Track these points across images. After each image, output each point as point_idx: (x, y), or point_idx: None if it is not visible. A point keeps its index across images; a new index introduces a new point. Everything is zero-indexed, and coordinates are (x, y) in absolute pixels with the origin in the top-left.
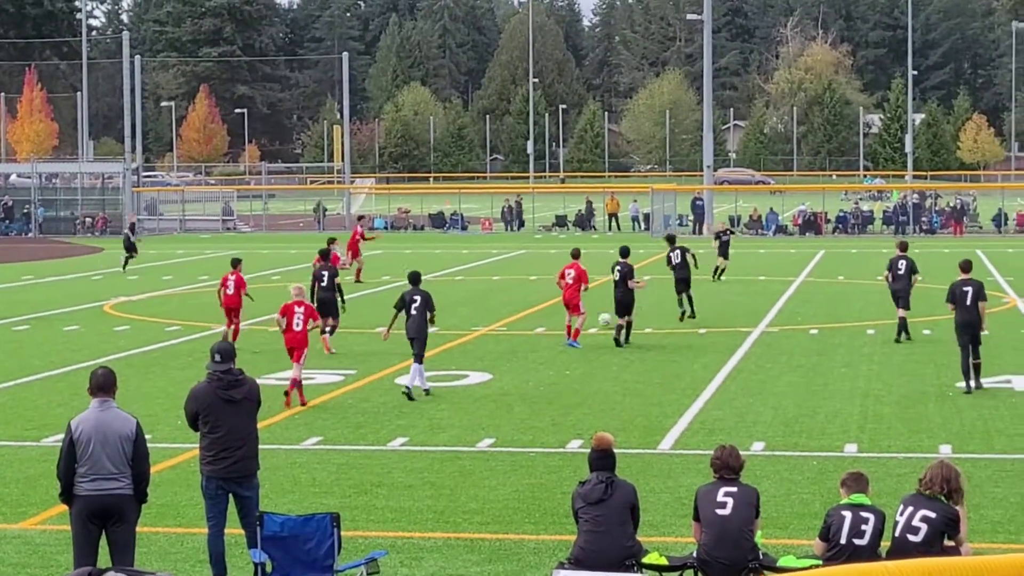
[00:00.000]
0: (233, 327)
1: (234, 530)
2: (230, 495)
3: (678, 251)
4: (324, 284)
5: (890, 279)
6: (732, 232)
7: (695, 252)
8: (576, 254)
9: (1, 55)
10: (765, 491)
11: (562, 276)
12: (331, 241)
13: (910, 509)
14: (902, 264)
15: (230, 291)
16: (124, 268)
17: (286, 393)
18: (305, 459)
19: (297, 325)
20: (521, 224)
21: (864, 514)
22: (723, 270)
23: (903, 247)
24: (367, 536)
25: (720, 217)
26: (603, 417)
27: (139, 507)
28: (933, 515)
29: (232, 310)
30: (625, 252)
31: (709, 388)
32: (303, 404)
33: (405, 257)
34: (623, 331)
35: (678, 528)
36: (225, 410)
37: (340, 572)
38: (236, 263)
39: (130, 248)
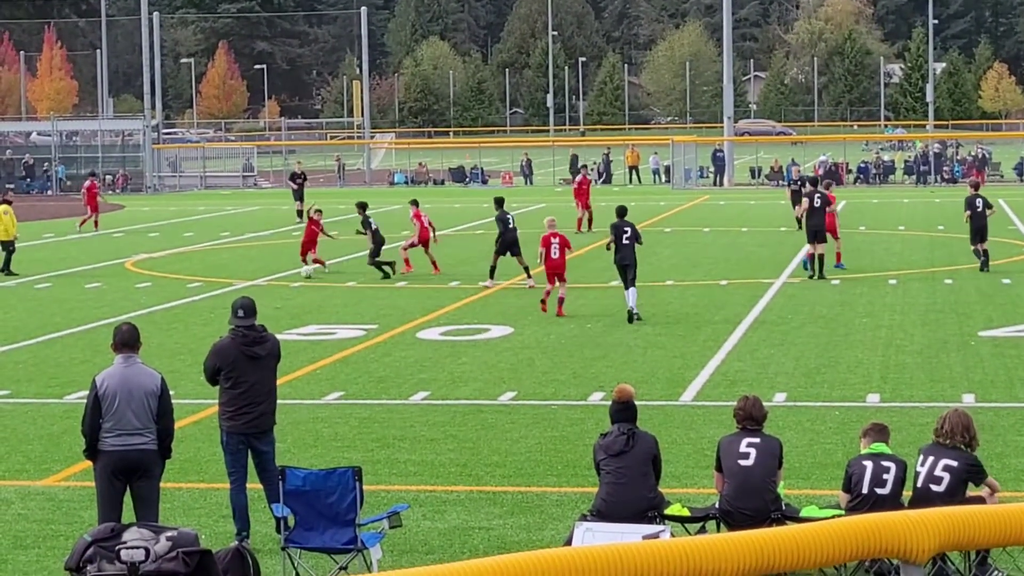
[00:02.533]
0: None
1: (255, 485)
2: (249, 450)
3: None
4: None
5: (969, 216)
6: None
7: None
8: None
9: (20, 13)
10: (787, 441)
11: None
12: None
13: (931, 459)
14: (979, 201)
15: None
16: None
17: (542, 301)
18: (327, 413)
19: (555, 254)
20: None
21: (885, 463)
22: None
23: (976, 186)
24: (389, 490)
25: (741, 169)
26: (624, 369)
27: (163, 462)
28: (955, 464)
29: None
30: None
31: (731, 339)
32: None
33: (425, 211)
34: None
35: (700, 479)
36: (248, 366)
37: (362, 525)
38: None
39: None
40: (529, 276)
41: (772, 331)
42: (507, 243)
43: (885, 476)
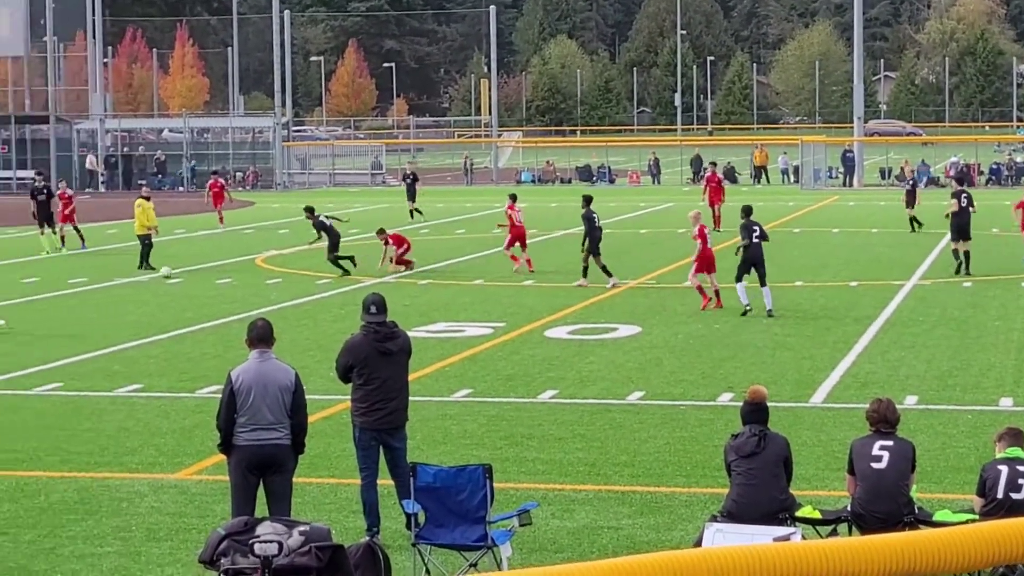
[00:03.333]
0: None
1: (385, 481)
2: (381, 446)
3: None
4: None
5: (953, 212)
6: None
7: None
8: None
9: (153, 11)
10: (919, 445)
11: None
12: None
13: None
14: (964, 197)
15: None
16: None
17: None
18: (456, 411)
19: (711, 244)
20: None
21: (1021, 468)
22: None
23: (960, 180)
24: (518, 488)
25: (871, 170)
26: (753, 370)
27: (296, 457)
28: None
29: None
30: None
31: (861, 341)
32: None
33: (551, 210)
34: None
35: (830, 482)
36: (380, 362)
37: (493, 523)
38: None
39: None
40: (610, 275)
41: (903, 333)
42: (593, 241)
43: (1021, 481)
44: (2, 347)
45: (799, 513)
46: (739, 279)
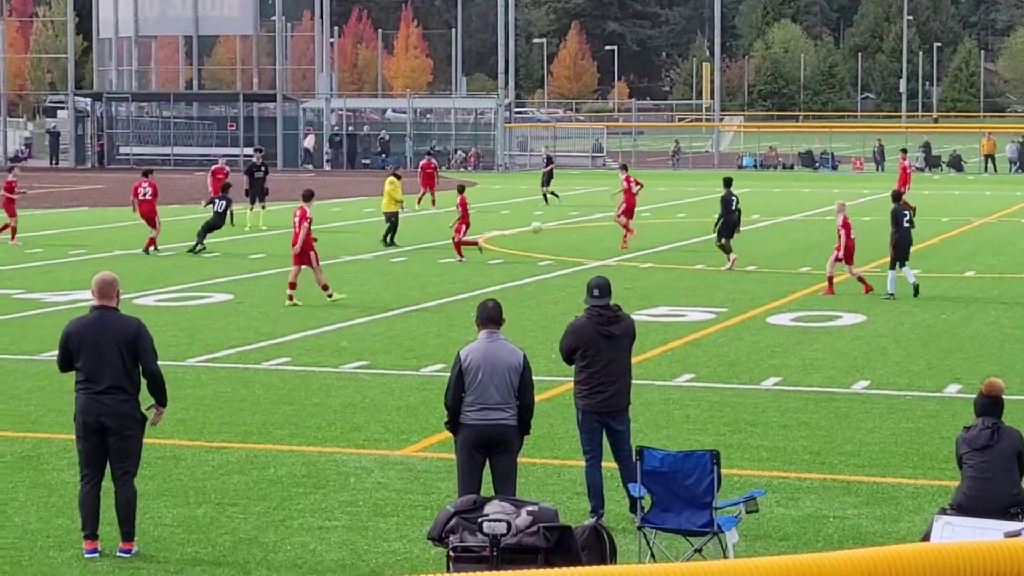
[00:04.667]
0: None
1: (609, 463)
2: (604, 429)
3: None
4: None
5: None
6: None
7: None
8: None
9: None
10: None
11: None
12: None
13: None
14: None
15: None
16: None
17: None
18: (678, 395)
19: (853, 235)
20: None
21: None
22: None
23: (897, 197)
24: (741, 474)
25: None
26: (981, 362)
27: (522, 438)
28: None
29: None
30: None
31: None
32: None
33: (774, 196)
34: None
35: None
36: (603, 345)
37: (719, 509)
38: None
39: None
40: (731, 252)
41: None
42: (728, 224)
43: None
44: (233, 321)
45: None
46: (892, 266)
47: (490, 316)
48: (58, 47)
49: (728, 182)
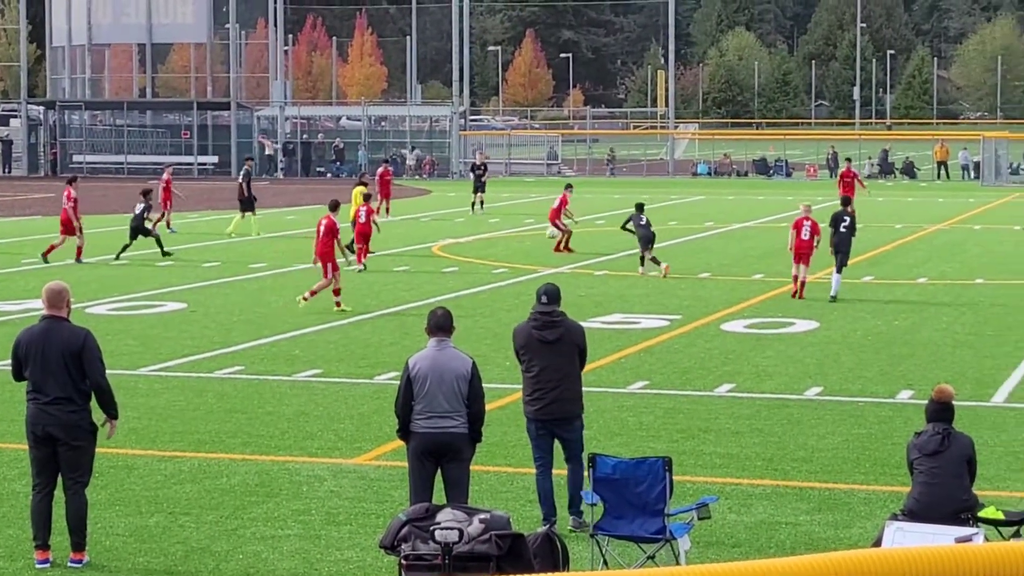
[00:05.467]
0: None
1: (561, 471)
2: (554, 436)
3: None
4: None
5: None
6: None
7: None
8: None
9: (333, 0)
10: None
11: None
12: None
13: None
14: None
15: None
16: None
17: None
18: (632, 402)
19: (804, 235)
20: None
21: None
22: None
23: (846, 202)
24: (694, 481)
25: None
26: (933, 368)
27: (474, 446)
28: None
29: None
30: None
31: None
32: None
33: (728, 203)
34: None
35: (1012, 483)
36: (540, 350)
37: (672, 516)
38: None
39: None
40: (658, 263)
41: None
42: (646, 239)
43: None
44: (186, 330)
45: (982, 513)
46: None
47: (439, 324)
48: (11, 55)
49: (640, 207)
